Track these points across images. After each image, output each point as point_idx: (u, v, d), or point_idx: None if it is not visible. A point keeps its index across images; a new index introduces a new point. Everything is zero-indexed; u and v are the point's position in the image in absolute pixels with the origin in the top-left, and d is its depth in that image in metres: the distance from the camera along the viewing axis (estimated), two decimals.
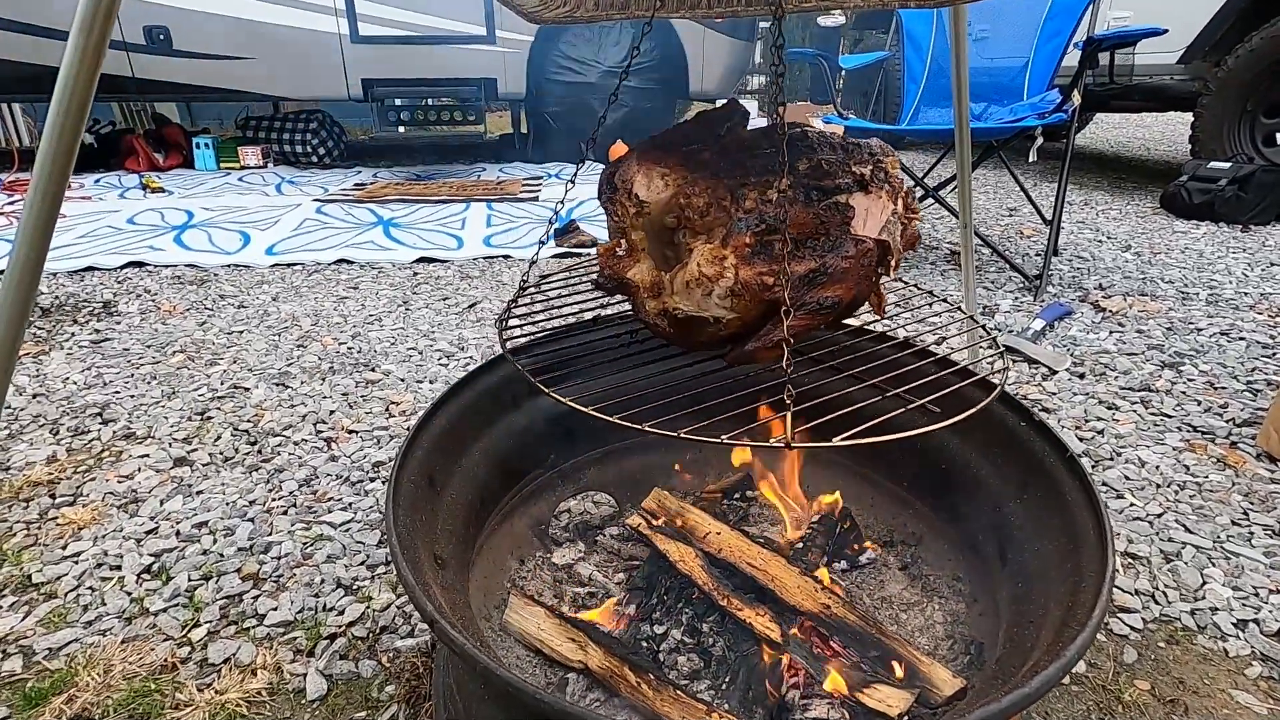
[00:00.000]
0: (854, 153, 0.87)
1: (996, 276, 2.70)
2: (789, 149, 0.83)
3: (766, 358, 0.80)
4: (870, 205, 0.84)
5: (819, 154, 0.84)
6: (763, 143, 0.85)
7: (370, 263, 2.94)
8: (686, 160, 0.84)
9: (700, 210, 0.80)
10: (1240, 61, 3.52)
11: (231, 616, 1.10)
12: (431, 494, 0.92)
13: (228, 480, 1.45)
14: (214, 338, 2.16)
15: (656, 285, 0.84)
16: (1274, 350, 2.00)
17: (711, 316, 0.79)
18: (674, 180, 0.83)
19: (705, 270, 0.77)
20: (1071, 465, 0.84)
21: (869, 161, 0.87)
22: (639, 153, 0.87)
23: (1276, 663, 1.02)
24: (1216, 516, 1.32)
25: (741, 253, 0.75)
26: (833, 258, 0.77)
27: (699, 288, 0.78)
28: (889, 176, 0.88)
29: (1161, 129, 6.99)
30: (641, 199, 0.84)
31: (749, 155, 0.83)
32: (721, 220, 0.79)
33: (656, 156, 0.85)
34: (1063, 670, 0.56)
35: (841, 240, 0.79)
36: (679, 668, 0.89)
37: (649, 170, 0.84)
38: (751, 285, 0.75)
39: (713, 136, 0.90)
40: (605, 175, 0.91)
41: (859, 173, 0.85)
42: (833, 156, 0.84)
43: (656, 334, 0.89)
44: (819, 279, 0.77)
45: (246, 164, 5.12)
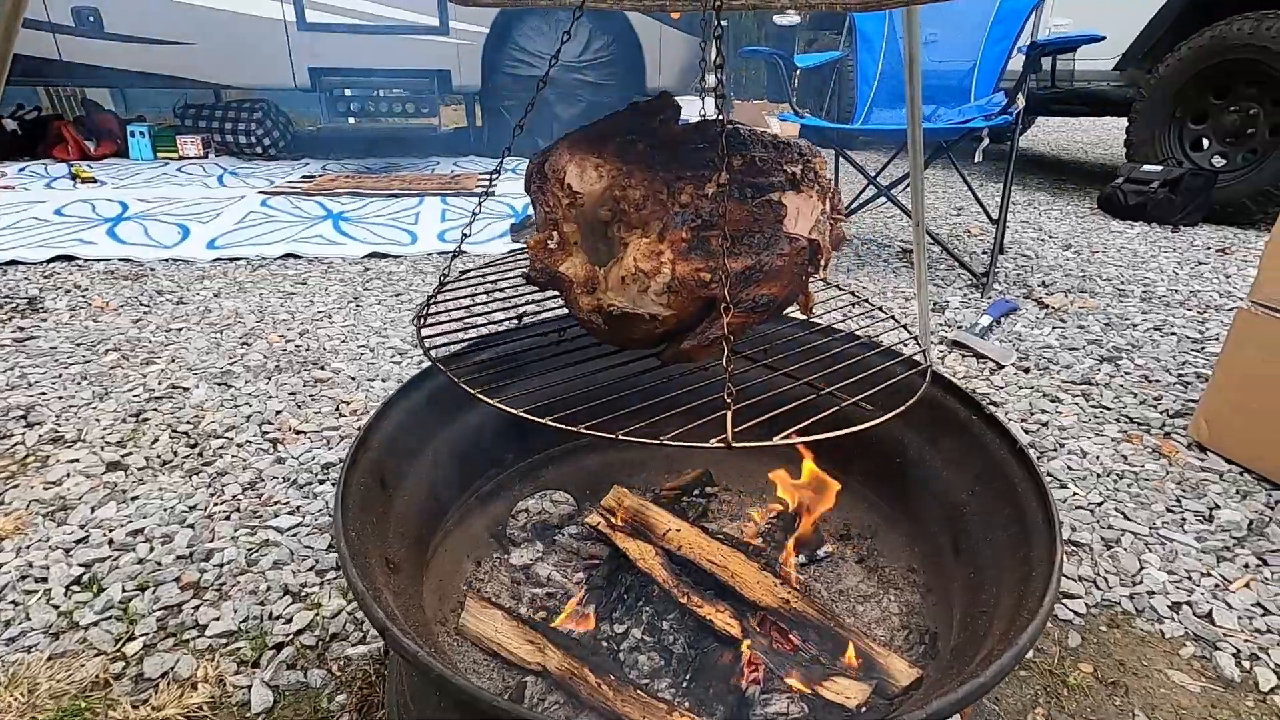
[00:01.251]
0: (785, 151, 0.86)
1: (946, 274, 2.77)
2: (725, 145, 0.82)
3: (703, 355, 0.78)
4: (801, 204, 0.83)
5: (752, 151, 0.82)
6: (696, 137, 0.83)
7: (319, 257, 2.85)
8: (621, 151, 0.81)
9: (636, 203, 0.77)
10: (1170, 70, 3.69)
11: (170, 628, 1.05)
12: (383, 496, 0.89)
13: (166, 485, 1.38)
14: (150, 335, 2.06)
15: (590, 280, 0.80)
16: (1203, 344, 2.10)
17: (647, 313, 0.76)
18: (608, 171, 0.80)
19: (641, 265, 0.74)
20: (1021, 457, 0.86)
21: (799, 161, 0.86)
22: (570, 142, 0.84)
23: (1208, 642, 1.07)
24: (1152, 504, 1.38)
25: (678, 248, 0.73)
26: (768, 255, 0.76)
27: (635, 283, 0.75)
28: (818, 176, 0.88)
29: (1099, 133, 7.29)
30: (575, 189, 0.80)
31: (684, 149, 0.81)
32: (658, 214, 0.76)
33: (589, 146, 0.82)
34: (1015, 659, 0.57)
35: (776, 237, 0.77)
36: (639, 667, 0.88)
37: (582, 160, 0.81)
38: (689, 281, 0.73)
39: (646, 129, 0.88)
40: (534, 164, 0.87)
41: (790, 171, 0.83)
42: (766, 154, 0.83)
43: (589, 331, 0.85)
44: (755, 276, 0.75)
45: (186, 154, 4.89)
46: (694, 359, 0.78)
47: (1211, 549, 1.26)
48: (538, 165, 0.85)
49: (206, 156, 4.94)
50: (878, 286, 2.63)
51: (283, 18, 4.43)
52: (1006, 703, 0.97)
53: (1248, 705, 0.97)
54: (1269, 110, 3.39)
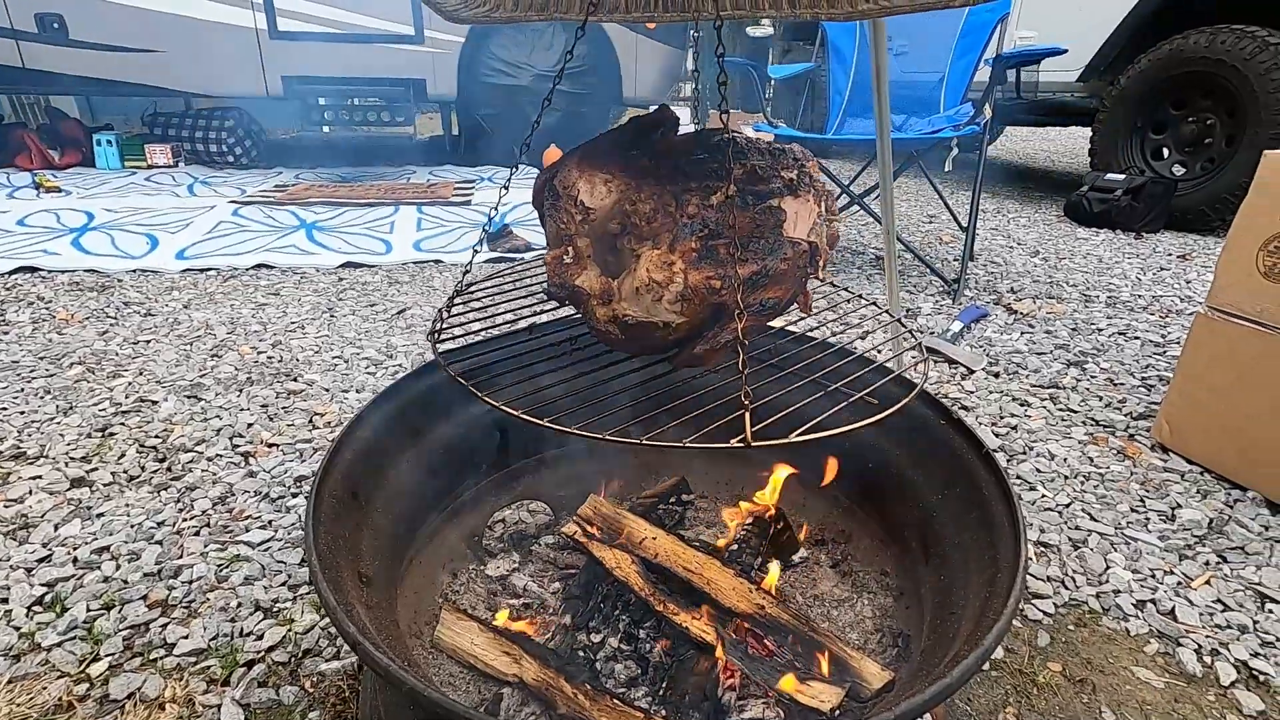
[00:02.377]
0: (780, 158, 0.89)
1: (918, 281, 2.82)
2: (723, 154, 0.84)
3: (714, 359, 0.82)
4: (799, 208, 0.86)
5: (750, 159, 0.85)
6: (696, 148, 0.86)
7: (292, 268, 2.81)
8: (627, 166, 0.84)
9: (646, 216, 0.80)
10: (1131, 81, 3.80)
11: (136, 648, 1.02)
12: (356, 508, 0.88)
13: (132, 501, 1.35)
14: (117, 348, 2.02)
15: (606, 292, 0.83)
16: (1165, 348, 2.16)
17: (661, 321, 0.79)
18: (617, 186, 0.82)
19: (655, 276, 0.77)
20: (988, 461, 0.88)
21: (794, 166, 0.89)
22: (578, 159, 0.86)
23: (1171, 639, 1.10)
24: (1118, 504, 1.42)
25: (689, 257, 0.76)
26: (772, 260, 0.79)
27: (649, 293, 0.78)
28: (813, 180, 0.91)
29: (1065, 142, 7.47)
30: (586, 205, 0.83)
31: (686, 160, 0.84)
32: (667, 225, 0.79)
33: (597, 162, 0.84)
34: (981, 659, 0.59)
35: (778, 242, 0.80)
36: (616, 675, 0.88)
37: (591, 176, 0.83)
38: (700, 289, 0.76)
39: (647, 142, 0.91)
40: (543, 180, 0.89)
41: (787, 177, 0.87)
42: (763, 161, 0.86)
43: (605, 340, 0.88)
44: (761, 281, 0.79)
45: (154, 163, 4.81)
46: (706, 363, 0.80)
47: (1174, 547, 1.29)
48: (546, 181, 0.86)
49: (176, 165, 4.86)
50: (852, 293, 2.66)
51: (254, 26, 4.38)
52: (978, 702, 0.98)
53: (1209, 700, 1.00)
54: (1224, 121, 3.51)
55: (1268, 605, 1.16)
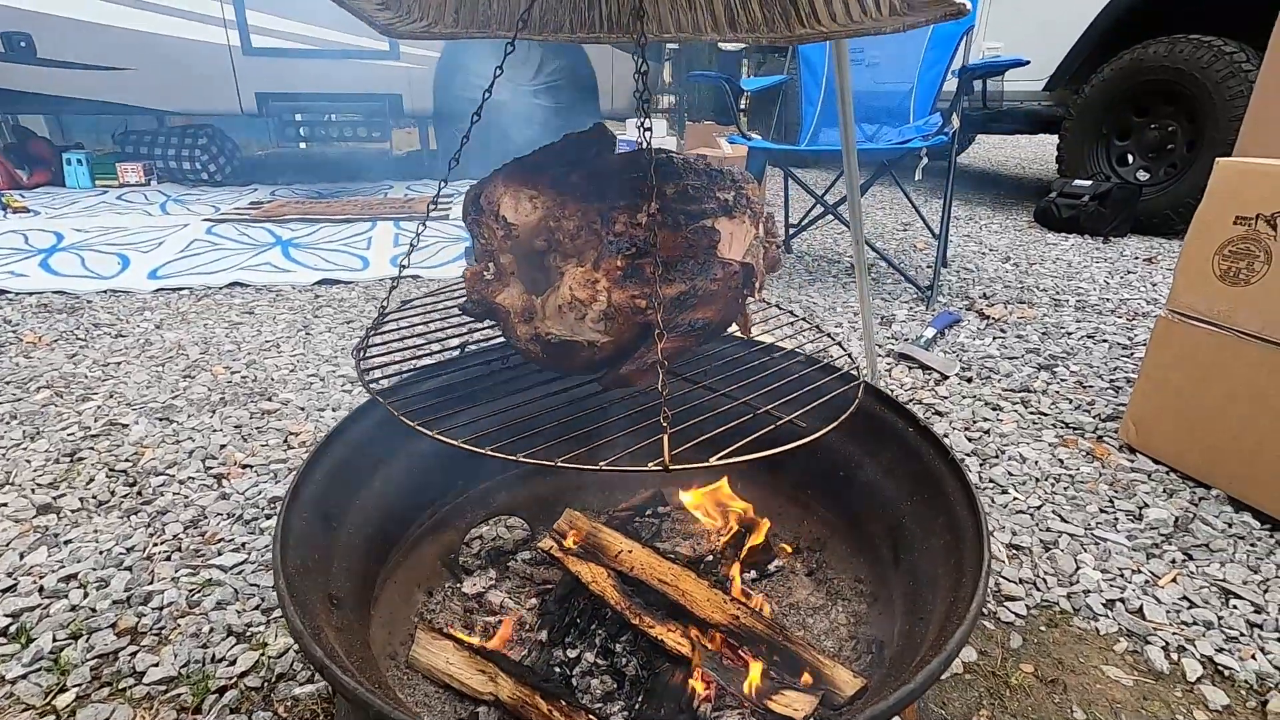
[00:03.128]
0: (717, 179, 0.89)
1: (893, 288, 2.86)
2: (657, 174, 0.85)
3: (642, 380, 0.80)
4: (734, 229, 0.86)
5: (685, 179, 0.85)
6: (630, 167, 0.86)
7: (267, 285, 2.79)
8: (555, 183, 0.83)
9: (571, 233, 0.79)
10: (1095, 90, 3.90)
11: (105, 677, 1.01)
12: (327, 530, 0.88)
13: (101, 526, 1.33)
14: (87, 371, 1.98)
15: (528, 310, 0.82)
16: (1132, 350, 2.21)
17: (585, 340, 0.78)
18: (543, 202, 0.82)
19: (578, 294, 0.76)
20: (953, 467, 0.89)
21: (731, 188, 0.89)
22: (505, 174, 0.86)
23: (1139, 637, 1.12)
24: (1087, 505, 1.44)
25: (613, 276, 0.75)
26: (702, 280, 0.79)
27: (572, 311, 0.77)
28: (751, 202, 0.91)
29: (1034, 149, 7.63)
30: (509, 221, 0.82)
31: (618, 179, 0.83)
32: (592, 243, 0.78)
33: (524, 178, 0.84)
34: (944, 664, 0.60)
35: (709, 263, 0.80)
36: (592, 691, 0.88)
37: (516, 192, 0.83)
38: (624, 308, 0.75)
39: (581, 159, 0.90)
40: (470, 196, 0.89)
41: (723, 198, 0.86)
42: (698, 181, 0.86)
43: (529, 359, 0.87)
44: (689, 301, 0.78)
45: (126, 181, 4.76)
46: (633, 383, 0.79)
47: (1141, 546, 1.32)
48: (474, 197, 0.86)
49: (148, 184, 4.81)
50: (827, 302, 2.69)
51: (227, 43, 4.36)
52: (952, 706, 0.99)
53: (1176, 696, 1.02)
54: (1185, 127, 3.61)
55: (1231, 601, 1.19)
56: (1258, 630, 1.13)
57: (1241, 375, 1.40)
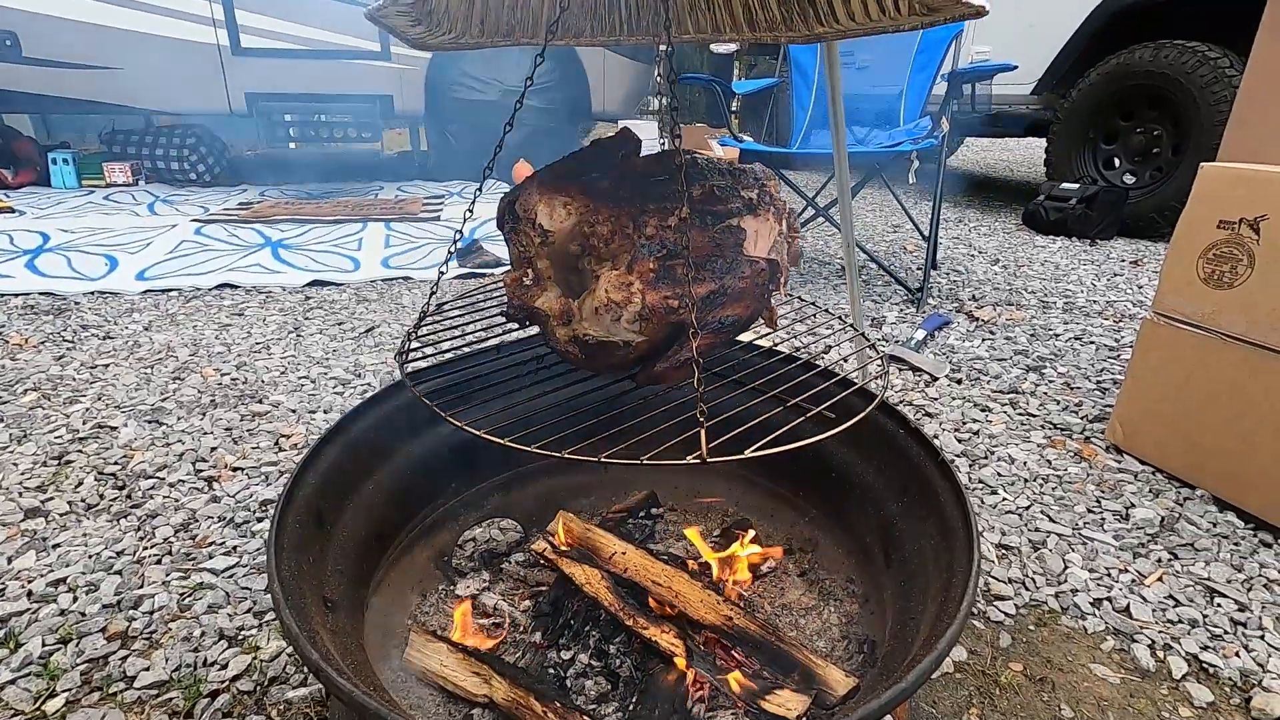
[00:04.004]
0: (741, 178, 0.91)
1: (883, 290, 2.88)
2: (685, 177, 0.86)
3: (675, 377, 0.83)
4: (759, 227, 0.89)
5: (710, 180, 0.87)
6: (657, 170, 0.88)
7: (257, 287, 2.77)
8: (587, 189, 0.85)
9: (605, 238, 0.81)
10: (1082, 94, 3.95)
11: (95, 682, 1.00)
12: (320, 533, 0.88)
13: (90, 530, 1.32)
14: (74, 373, 1.97)
15: (566, 313, 0.85)
16: (1118, 352, 2.24)
17: (621, 340, 0.81)
18: (576, 209, 0.84)
19: (613, 296, 0.79)
20: (943, 468, 0.90)
21: (755, 186, 0.92)
22: (539, 182, 0.88)
23: (1126, 635, 1.13)
24: (1075, 506, 1.46)
25: (647, 278, 0.78)
26: (731, 279, 0.81)
27: (608, 313, 0.79)
28: (773, 199, 0.93)
29: (1023, 152, 7.70)
30: (545, 228, 0.84)
31: (646, 182, 0.86)
32: (625, 247, 0.80)
33: (557, 185, 0.86)
34: (935, 662, 0.60)
35: (737, 261, 0.83)
36: (586, 692, 0.88)
37: (550, 200, 0.85)
38: (658, 309, 0.77)
39: (608, 164, 0.92)
40: (505, 204, 0.91)
41: (747, 196, 0.89)
42: (723, 182, 0.88)
43: (567, 360, 0.89)
44: (719, 299, 0.81)
45: (113, 181, 4.71)
46: (666, 381, 0.81)
47: (1128, 546, 1.34)
48: (508, 205, 0.87)
49: (136, 184, 4.77)
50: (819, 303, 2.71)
51: (216, 42, 4.33)
52: (943, 705, 1.00)
53: (1162, 693, 1.03)
54: (1170, 131, 3.66)
55: (1216, 599, 1.21)
56: (1241, 628, 1.14)
57: (1225, 377, 1.43)
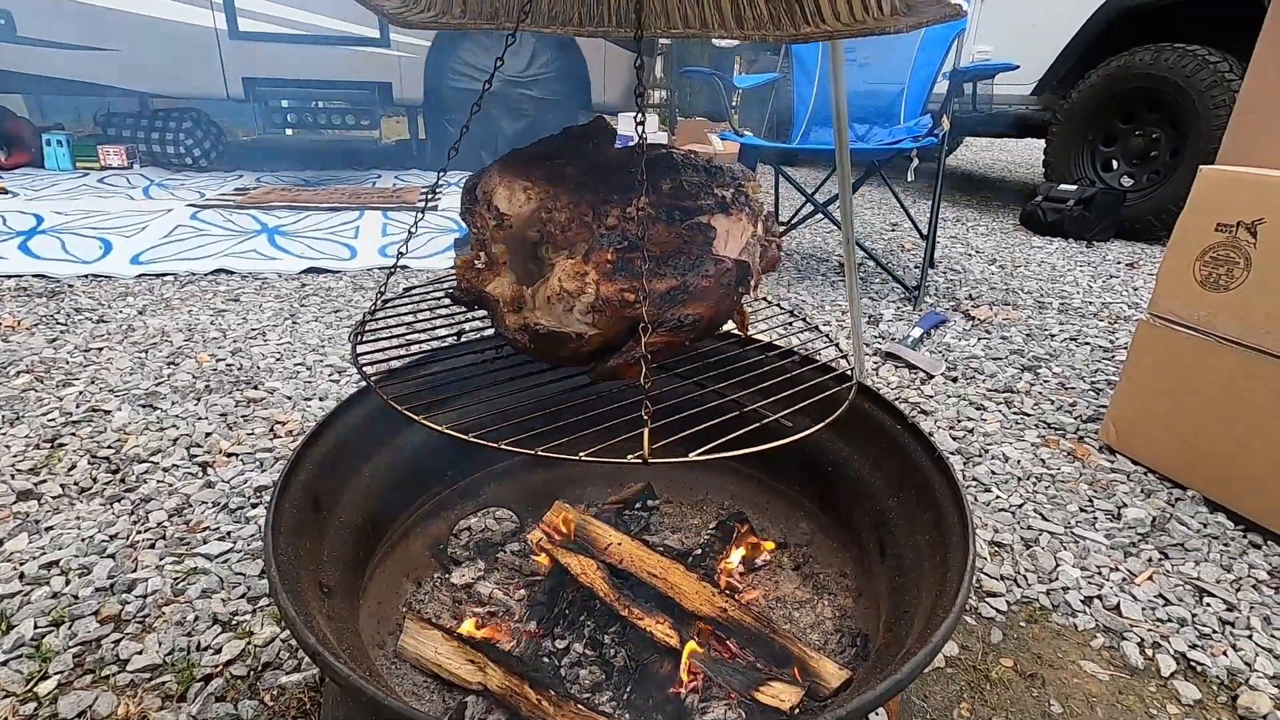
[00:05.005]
0: (717, 175, 0.89)
1: (880, 287, 2.88)
2: (654, 168, 0.85)
3: (629, 373, 0.80)
4: (731, 227, 0.86)
5: (682, 175, 0.85)
6: (628, 161, 0.86)
7: (253, 273, 2.76)
8: (550, 175, 0.83)
9: (562, 225, 0.79)
10: (1082, 95, 3.95)
11: (88, 664, 1.00)
12: (317, 518, 0.88)
13: (84, 513, 1.31)
14: (67, 356, 1.96)
15: (517, 300, 0.82)
16: (1113, 353, 2.25)
17: (573, 332, 0.78)
18: (536, 194, 0.82)
19: (566, 285, 0.76)
20: (940, 464, 0.91)
21: (730, 185, 0.90)
22: (502, 165, 0.86)
23: (1116, 633, 1.14)
24: (1067, 505, 1.47)
25: (603, 269, 0.75)
26: (693, 276, 0.78)
27: (560, 303, 0.77)
28: (750, 200, 0.91)
29: (1021, 153, 7.71)
30: (502, 212, 0.82)
31: (614, 173, 0.84)
32: (583, 236, 0.78)
33: (519, 170, 0.84)
34: (930, 655, 0.61)
35: (702, 259, 0.80)
36: (581, 681, 0.89)
37: (511, 183, 0.83)
38: (612, 301, 0.75)
39: (578, 152, 0.91)
40: (466, 186, 0.89)
41: (721, 195, 0.87)
42: (696, 178, 0.86)
43: (518, 349, 0.86)
44: (679, 297, 0.78)
45: (108, 164, 4.68)
46: (622, 376, 0.79)
47: (1119, 545, 1.35)
48: (470, 187, 0.86)
49: (131, 167, 4.73)
50: (816, 300, 2.71)
51: (214, 26, 4.29)
52: (934, 699, 1.01)
53: (1150, 690, 1.04)
54: (1169, 134, 3.67)
55: (1205, 599, 1.22)
56: (1229, 627, 1.16)
57: (1220, 379, 1.44)
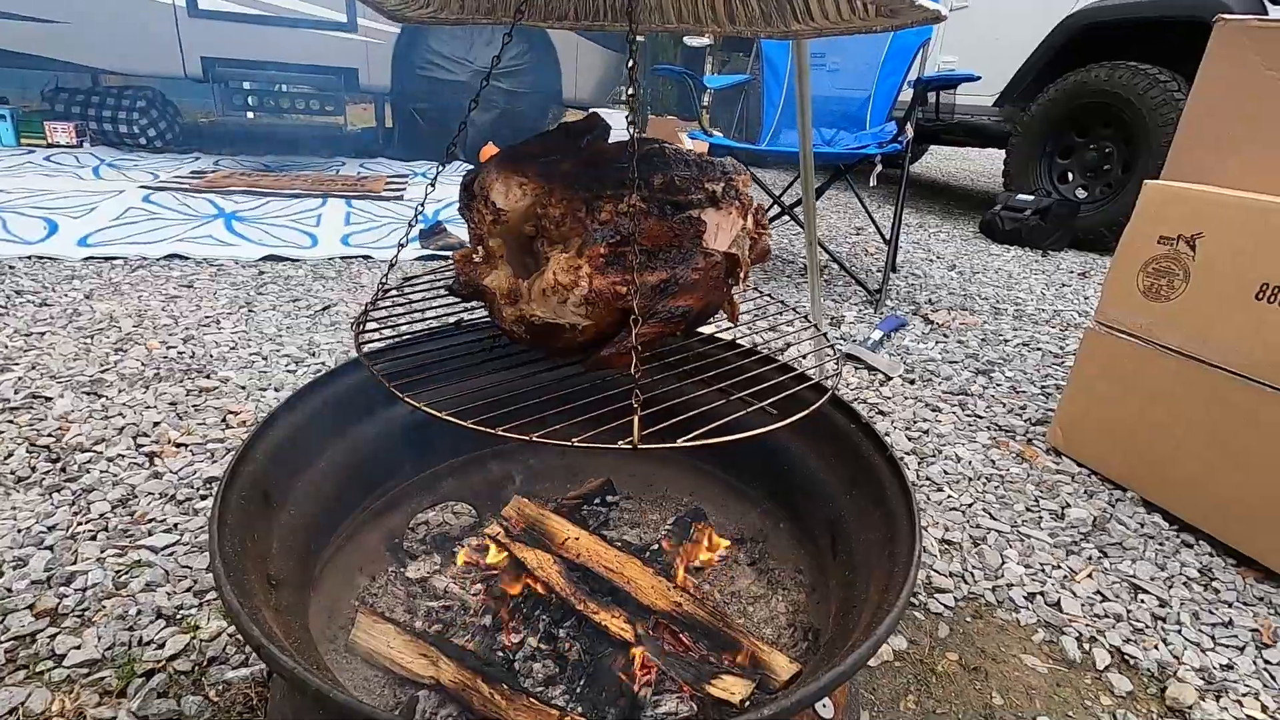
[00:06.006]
0: (707, 170, 0.91)
1: (843, 290, 2.93)
2: (645, 164, 0.86)
3: (620, 364, 0.82)
4: (721, 220, 0.89)
5: (674, 170, 0.88)
6: (622, 156, 0.88)
7: (208, 259, 2.68)
8: (545, 170, 0.85)
9: (556, 220, 0.81)
10: (1040, 109, 4.07)
11: (20, 660, 0.96)
12: (267, 510, 0.86)
13: (20, 503, 1.26)
14: (6, 340, 1.87)
15: (513, 292, 0.84)
16: (1063, 359, 2.33)
17: (567, 323, 0.81)
18: (532, 189, 0.84)
19: (561, 279, 0.78)
20: (891, 464, 0.93)
21: (721, 179, 0.92)
22: (498, 161, 0.87)
23: (1055, 628, 1.19)
24: (1014, 504, 1.52)
25: (596, 262, 0.78)
26: (683, 269, 0.81)
27: (555, 295, 0.79)
28: (740, 194, 0.94)
29: (984, 163, 7.91)
30: (499, 207, 0.84)
31: (608, 168, 0.85)
32: (577, 230, 0.80)
33: (516, 165, 0.86)
34: (873, 648, 0.62)
35: (692, 252, 0.83)
36: (534, 675, 0.89)
37: (507, 179, 0.85)
38: (605, 294, 0.77)
39: (573, 148, 0.92)
40: (465, 181, 0.90)
41: (711, 189, 0.89)
42: (686, 173, 0.89)
43: (514, 340, 0.89)
44: (670, 289, 0.81)
45: (55, 142, 4.49)
46: (613, 366, 0.81)
47: (1062, 544, 1.40)
48: (468, 183, 0.86)
49: (80, 145, 4.55)
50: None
51: (172, 2, 4.15)
52: (881, 691, 1.04)
53: (1086, 683, 1.08)
54: (1121, 149, 3.80)
55: (1140, 596, 1.27)
56: (1161, 622, 1.21)
57: (1159, 387, 1.50)
